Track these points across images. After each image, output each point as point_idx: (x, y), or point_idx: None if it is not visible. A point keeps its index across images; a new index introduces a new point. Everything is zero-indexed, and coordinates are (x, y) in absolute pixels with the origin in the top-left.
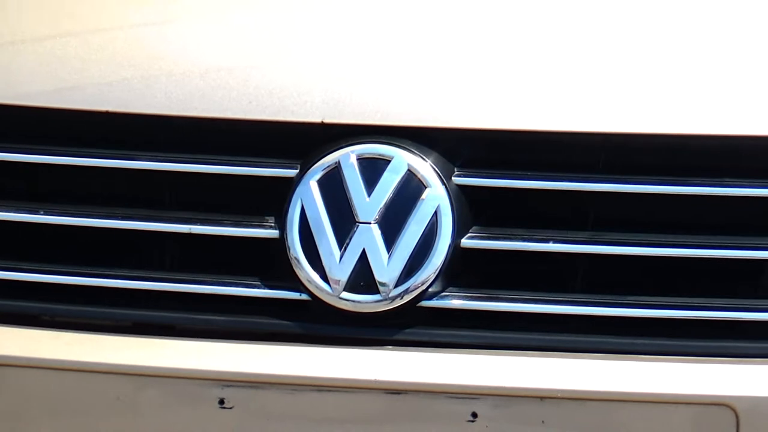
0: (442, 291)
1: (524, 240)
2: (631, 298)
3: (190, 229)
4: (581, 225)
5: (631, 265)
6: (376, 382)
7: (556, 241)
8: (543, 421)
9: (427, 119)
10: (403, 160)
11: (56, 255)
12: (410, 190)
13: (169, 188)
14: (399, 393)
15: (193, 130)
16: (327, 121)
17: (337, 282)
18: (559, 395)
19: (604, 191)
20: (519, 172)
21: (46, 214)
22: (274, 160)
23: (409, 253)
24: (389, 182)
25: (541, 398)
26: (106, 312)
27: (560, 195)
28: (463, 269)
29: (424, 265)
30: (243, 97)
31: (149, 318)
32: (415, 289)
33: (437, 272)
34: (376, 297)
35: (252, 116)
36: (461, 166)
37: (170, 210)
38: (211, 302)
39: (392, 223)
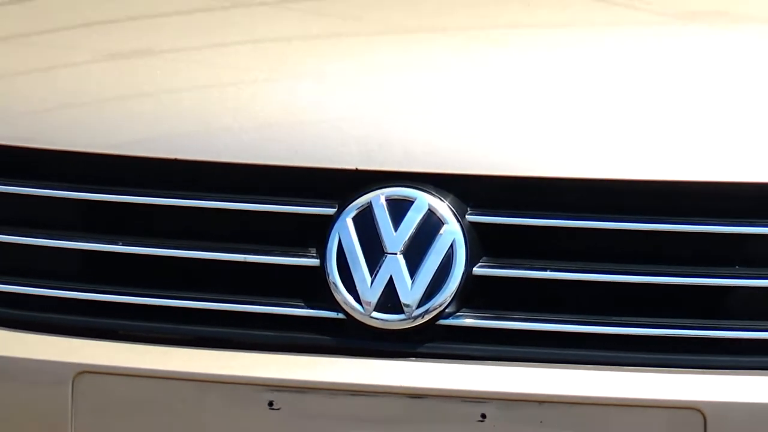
0: (457, 311)
1: (526, 269)
2: (616, 318)
3: (245, 258)
4: (576, 255)
5: (617, 289)
6: (400, 387)
7: (552, 270)
8: (541, 422)
9: (445, 167)
10: (424, 200)
11: (133, 279)
12: (430, 226)
13: (228, 223)
14: (420, 397)
15: (249, 175)
16: (361, 168)
17: (368, 303)
18: (554, 400)
19: (593, 228)
20: (522, 211)
21: (125, 245)
22: (316, 200)
23: (429, 280)
24: (412, 219)
25: (540, 402)
26: (174, 328)
27: (557, 230)
28: (474, 293)
29: (442, 289)
30: (291, 148)
31: (211, 333)
32: (434, 310)
33: (453, 296)
34: (401, 316)
35: (298, 164)
36: (473, 206)
37: (229, 242)
38: (261, 319)
39: (415, 253)
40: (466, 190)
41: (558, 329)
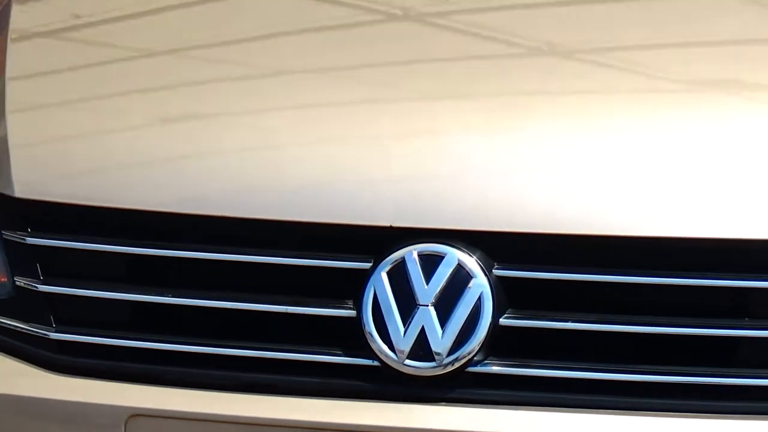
0: (484, 359)
1: (548, 320)
2: (631, 366)
3: (286, 309)
4: (595, 307)
5: (628, 338)
6: (432, 431)
7: (572, 321)
8: None
9: (473, 224)
10: (454, 256)
11: (183, 328)
12: (459, 279)
13: (271, 275)
14: None
15: (291, 231)
16: (395, 225)
17: (402, 352)
18: None
19: (609, 281)
20: (545, 266)
21: (174, 296)
22: (353, 255)
23: (458, 330)
24: (443, 274)
25: None
26: (221, 374)
27: (577, 284)
28: (500, 342)
29: (470, 339)
30: (329, 206)
31: (254, 379)
32: (463, 358)
33: (480, 345)
34: (432, 364)
35: (336, 221)
36: (500, 261)
37: (271, 293)
38: (301, 366)
39: (445, 305)
40: (493, 246)
41: (578, 376)
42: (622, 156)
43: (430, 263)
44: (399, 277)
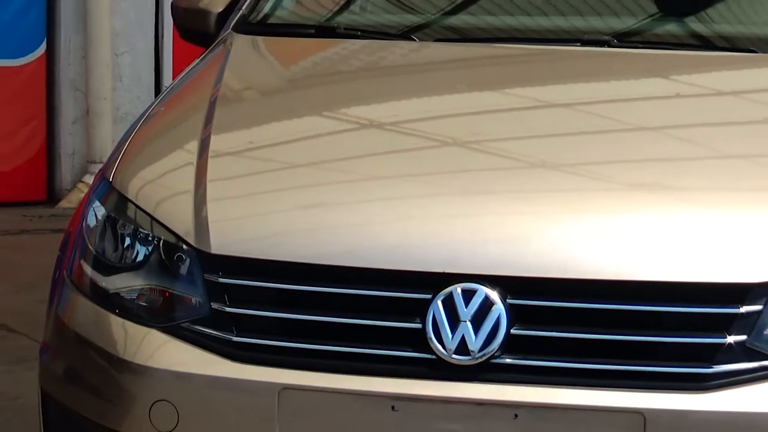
0: (501, 355)
1: (540, 331)
2: (592, 359)
3: (382, 323)
4: (568, 321)
5: (589, 342)
6: (468, 398)
7: (557, 331)
8: (547, 419)
9: (493, 272)
10: (483, 291)
11: (320, 334)
12: (486, 305)
13: (373, 302)
14: (480, 404)
15: (387, 274)
16: (446, 271)
17: (450, 350)
18: (552, 406)
19: (576, 307)
20: (541, 297)
21: (310, 314)
22: (420, 290)
23: (485, 337)
24: (475, 302)
25: (545, 407)
26: (346, 364)
27: (557, 308)
28: (511, 344)
29: (493, 342)
30: (411, 260)
31: (361, 367)
32: (488, 354)
33: (498, 346)
34: (469, 357)
35: (411, 269)
36: (511, 294)
37: (371, 313)
38: (388, 358)
39: (477, 321)
40: (506, 285)
41: (558, 365)
42: (588, 230)
43: (468, 295)
44: (448, 303)
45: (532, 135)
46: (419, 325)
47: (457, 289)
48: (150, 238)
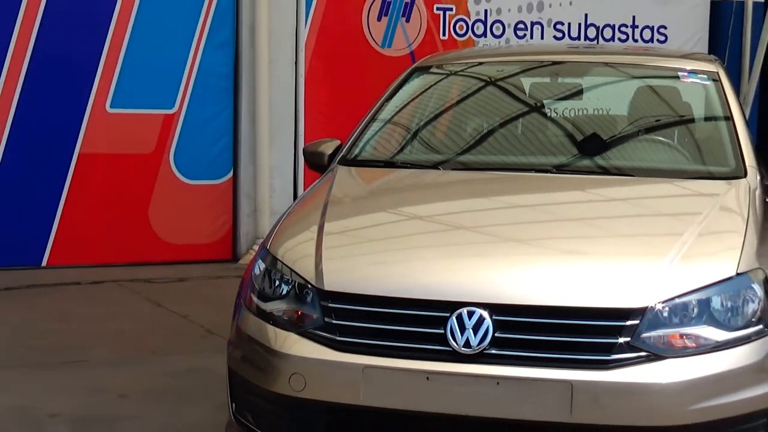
0: (489, 348)
1: (512, 334)
2: (541, 351)
3: (423, 330)
4: (527, 329)
5: (543, 341)
6: (470, 373)
7: (523, 335)
8: (513, 385)
9: (486, 300)
10: (478, 311)
11: (385, 334)
12: (480, 319)
13: (420, 319)
14: (476, 376)
15: (424, 302)
16: (458, 300)
17: (460, 345)
18: (519, 377)
19: (533, 321)
20: (514, 314)
21: (379, 325)
22: (442, 310)
23: (480, 338)
24: (474, 318)
25: (515, 378)
26: (404, 353)
27: (519, 322)
28: (495, 341)
29: (484, 341)
30: (439, 292)
31: (409, 354)
32: (481, 348)
33: (488, 343)
34: (470, 350)
35: (440, 298)
36: (496, 313)
37: (413, 323)
38: (423, 350)
39: (475, 329)
40: (493, 308)
41: (521, 354)
42: (537, 276)
43: (470, 314)
44: (459, 318)
45: (506, 223)
46: (442, 331)
47: (464, 310)
48: (290, 281)
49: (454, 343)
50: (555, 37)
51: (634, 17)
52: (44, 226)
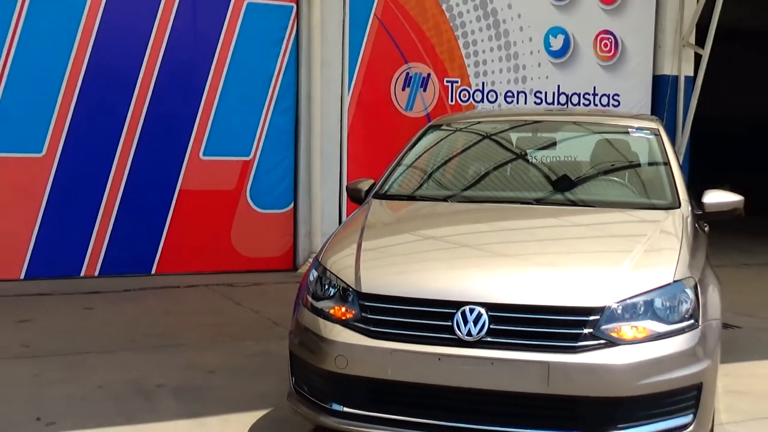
0: (487, 336)
1: (504, 326)
2: (525, 340)
3: (434, 322)
4: (514, 323)
5: (532, 332)
6: (471, 355)
7: (512, 326)
8: (504, 365)
9: (484, 300)
10: (477, 308)
11: (408, 335)
12: (479, 315)
13: (433, 315)
14: (476, 358)
15: (442, 302)
16: (462, 300)
17: (463, 335)
18: (508, 359)
19: (518, 316)
20: (504, 310)
21: (403, 318)
22: (450, 308)
23: (479, 329)
24: (474, 313)
25: (505, 360)
26: (419, 342)
27: (509, 317)
28: (491, 331)
29: (482, 331)
30: (446, 293)
31: (429, 340)
32: (480, 336)
33: (486, 332)
34: (472, 338)
35: (447, 298)
36: (490, 309)
37: (428, 318)
38: (438, 338)
39: (475, 322)
40: (489, 306)
41: (510, 341)
42: (520, 282)
43: (472, 310)
44: (463, 314)
45: (498, 242)
46: (450, 323)
47: (467, 308)
48: (336, 285)
49: (459, 333)
50: (535, 102)
51: (594, 87)
52: (154, 244)
